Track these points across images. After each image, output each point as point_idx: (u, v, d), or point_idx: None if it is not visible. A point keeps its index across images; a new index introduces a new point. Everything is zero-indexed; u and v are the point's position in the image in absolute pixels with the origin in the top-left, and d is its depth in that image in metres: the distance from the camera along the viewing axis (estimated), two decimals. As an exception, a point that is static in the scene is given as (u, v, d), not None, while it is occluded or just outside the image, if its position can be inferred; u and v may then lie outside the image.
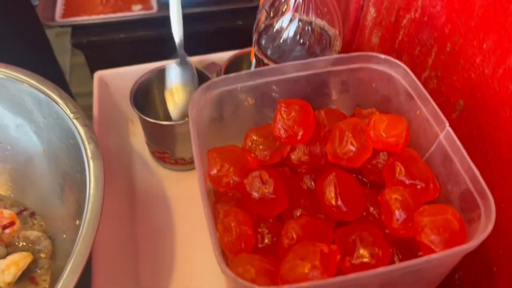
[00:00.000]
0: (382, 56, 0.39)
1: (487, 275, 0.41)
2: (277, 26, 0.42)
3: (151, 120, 0.53)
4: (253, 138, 0.39)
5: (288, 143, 0.39)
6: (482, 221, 0.30)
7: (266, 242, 0.34)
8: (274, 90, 0.40)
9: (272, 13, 0.42)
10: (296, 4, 0.41)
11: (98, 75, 0.62)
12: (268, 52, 0.42)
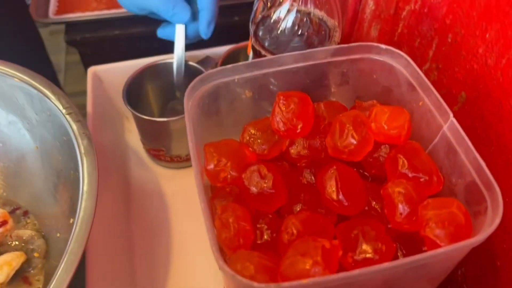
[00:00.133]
0: (383, 46, 0.38)
1: (491, 270, 0.41)
2: (274, 16, 0.41)
3: (145, 117, 0.52)
4: (251, 132, 0.39)
5: (287, 137, 0.39)
6: (488, 214, 0.30)
7: (265, 238, 0.33)
8: (272, 82, 0.39)
9: (269, 3, 0.41)
10: (294, -7, 0.40)
11: (92, 71, 0.61)
12: (265, 43, 0.42)
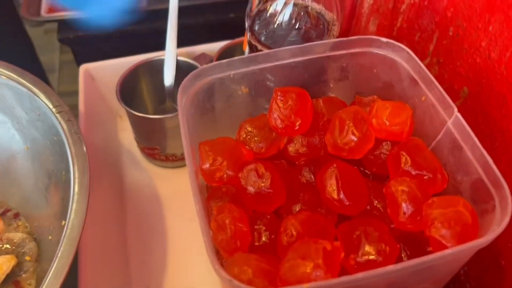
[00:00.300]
0: (384, 39, 0.37)
1: (495, 269, 0.40)
2: (271, 10, 0.40)
3: (139, 114, 0.51)
4: (247, 130, 0.38)
5: (285, 134, 0.38)
6: (497, 212, 0.29)
7: (264, 240, 0.32)
8: (269, 78, 0.38)
9: (265, -4, 0.40)
10: (290, -14, 0.39)
11: (84, 68, 0.60)
12: (262, 38, 0.40)
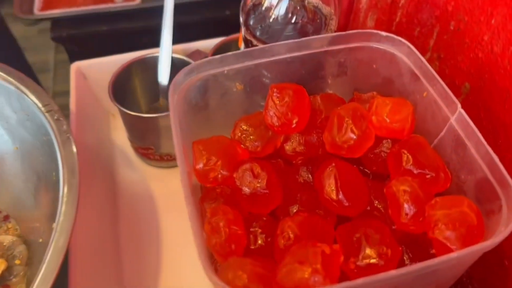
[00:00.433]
0: (384, 33, 0.36)
1: (499, 270, 0.39)
2: (266, 4, 0.39)
3: (132, 113, 0.49)
4: (242, 128, 0.37)
5: (281, 132, 0.36)
6: (503, 213, 0.27)
7: (260, 243, 0.31)
8: (265, 74, 0.37)
9: (260, -11, 0.38)
10: (286, -21, 0.38)
11: (75, 67, 0.58)
12: (257, 33, 0.39)
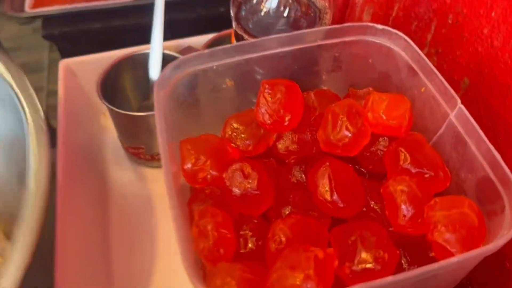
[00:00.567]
0: (380, 26, 0.35)
1: (499, 272, 0.38)
2: (257, -4, 0.37)
3: (121, 111, 0.48)
4: (233, 126, 0.35)
5: (273, 130, 0.35)
6: (506, 214, 0.26)
7: (250, 246, 0.29)
8: (256, 70, 0.36)
9: (251, -19, 0.37)
10: (278, -29, 0.36)
11: (64, 64, 0.57)
12: (248, 27, 0.37)
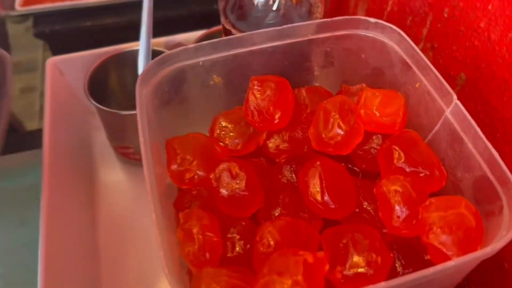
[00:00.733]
0: (372, 19, 0.34)
1: (497, 273, 0.37)
2: (246, -11, 0.36)
3: (108, 110, 0.47)
4: (221, 124, 0.34)
5: (263, 129, 0.34)
6: (504, 214, 0.25)
7: (238, 250, 0.28)
8: (245, 65, 0.34)
9: (239, -26, 0.36)
10: (268, -37, 0.35)
11: (51, 62, 0.55)
12: (236, 21, 0.36)
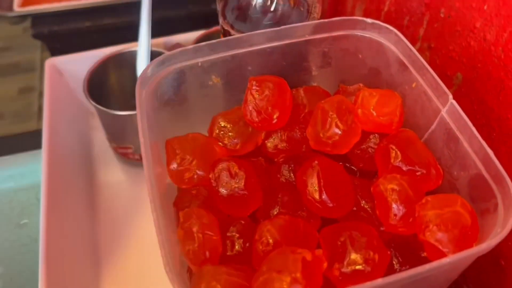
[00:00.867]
0: (369, 20, 0.34)
1: (494, 270, 0.38)
2: (244, -9, 0.36)
3: (108, 110, 0.47)
4: (220, 124, 0.34)
5: (261, 128, 0.34)
6: (499, 212, 0.25)
7: (237, 249, 0.29)
8: (243, 66, 0.34)
9: (238, -25, 0.36)
10: (266, -36, 0.35)
11: (50, 63, 0.56)
12: (235, 22, 0.36)
